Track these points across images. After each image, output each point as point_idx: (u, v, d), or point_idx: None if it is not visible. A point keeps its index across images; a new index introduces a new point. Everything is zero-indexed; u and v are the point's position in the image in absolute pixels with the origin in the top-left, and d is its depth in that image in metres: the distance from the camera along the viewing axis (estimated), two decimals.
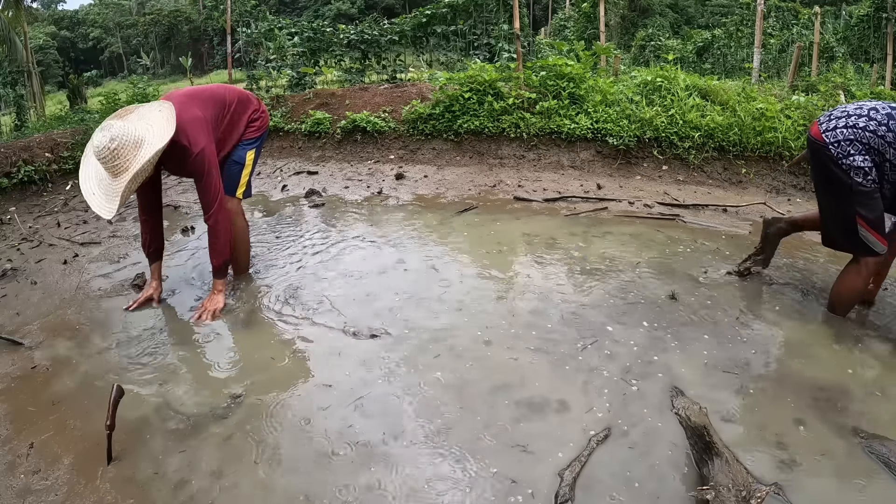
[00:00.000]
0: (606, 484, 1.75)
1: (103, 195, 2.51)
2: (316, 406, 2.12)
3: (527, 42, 8.87)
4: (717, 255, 3.30)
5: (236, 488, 1.77)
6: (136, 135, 2.48)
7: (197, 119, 2.71)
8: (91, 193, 2.54)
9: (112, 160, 2.45)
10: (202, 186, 2.75)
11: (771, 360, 2.36)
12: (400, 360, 2.37)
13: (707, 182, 4.65)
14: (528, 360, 2.35)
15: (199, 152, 2.67)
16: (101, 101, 6.36)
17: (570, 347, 2.43)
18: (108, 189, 2.51)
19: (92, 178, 2.57)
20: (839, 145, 2.29)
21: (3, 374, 2.41)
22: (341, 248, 3.57)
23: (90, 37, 42.27)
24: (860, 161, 2.26)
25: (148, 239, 2.94)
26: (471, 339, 2.50)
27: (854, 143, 2.27)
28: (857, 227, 2.36)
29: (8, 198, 4.69)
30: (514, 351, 2.41)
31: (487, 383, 2.21)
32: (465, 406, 2.09)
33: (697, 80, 5.32)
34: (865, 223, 2.33)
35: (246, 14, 10.56)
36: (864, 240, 2.37)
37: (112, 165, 2.45)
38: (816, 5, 12.06)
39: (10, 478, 1.84)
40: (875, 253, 2.39)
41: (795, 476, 1.77)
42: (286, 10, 38.06)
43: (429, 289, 2.95)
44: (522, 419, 2.02)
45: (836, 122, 2.32)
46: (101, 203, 2.51)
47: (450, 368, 2.31)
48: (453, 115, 5.43)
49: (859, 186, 2.29)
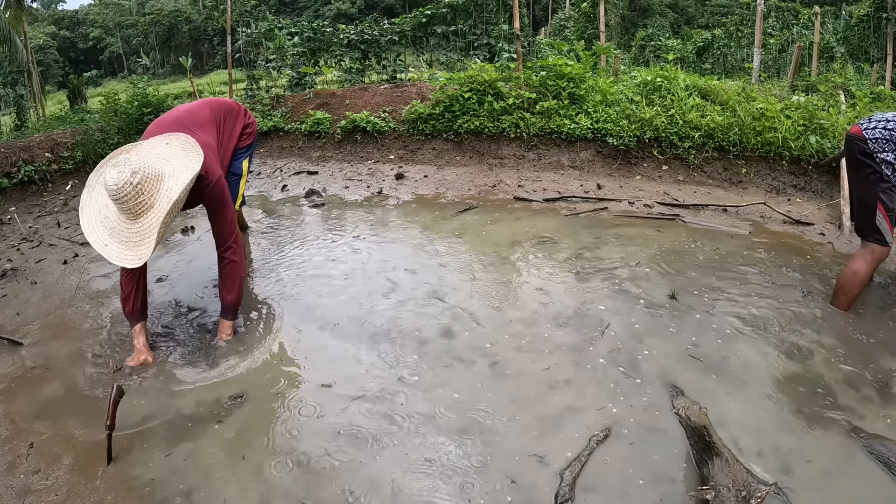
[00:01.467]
0: (606, 484, 1.75)
1: (120, 244, 2.18)
2: (317, 406, 2.12)
3: (527, 42, 8.87)
4: (718, 255, 3.30)
5: (237, 488, 1.77)
6: (155, 167, 2.20)
7: (208, 146, 2.54)
8: (103, 245, 2.19)
9: (135, 197, 2.13)
10: (220, 217, 2.53)
11: (771, 359, 2.35)
12: (400, 361, 2.37)
13: (707, 182, 4.65)
14: (527, 360, 2.35)
15: (216, 181, 2.46)
16: (101, 101, 6.35)
17: (569, 347, 2.43)
18: (126, 235, 2.18)
19: (98, 229, 2.22)
20: (876, 142, 2.68)
21: (3, 374, 2.41)
22: (341, 248, 3.56)
23: (90, 37, 42.25)
24: (891, 157, 2.66)
25: (132, 294, 2.45)
26: (471, 339, 2.50)
27: (889, 143, 2.66)
28: (875, 211, 2.69)
29: (8, 198, 4.69)
30: (515, 351, 2.41)
31: (487, 383, 2.21)
32: (464, 406, 2.09)
33: (697, 80, 5.32)
34: (884, 210, 2.67)
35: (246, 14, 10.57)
36: (878, 225, 2.69)
37: (134, 204, 2.14)
38: (816, 5, 12.06)
39: (10, 478, 1.84)
40: (883, 240, 2.69)
41: (795, 476, 1.77)
42: (286, 10, 38.05)
43: (428, 289, 2.94)
44: (521, 420, 2.02)
45: (877, 124, 2.70)
46: (121, 252, 2.18)
47: (450, 369, 2.31)
48: (453, 115, 5.43)
49: (885, 178, 2.67)
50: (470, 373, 2.28)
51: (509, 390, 2.17)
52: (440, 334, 2.54)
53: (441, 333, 2.55)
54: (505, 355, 2.38)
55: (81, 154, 5.27)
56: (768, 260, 3.25)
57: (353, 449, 1.90)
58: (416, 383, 2.22)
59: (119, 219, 2.19)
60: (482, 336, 2.52)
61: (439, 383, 2.22)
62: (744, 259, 3.25)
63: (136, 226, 2.17)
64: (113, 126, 5.66)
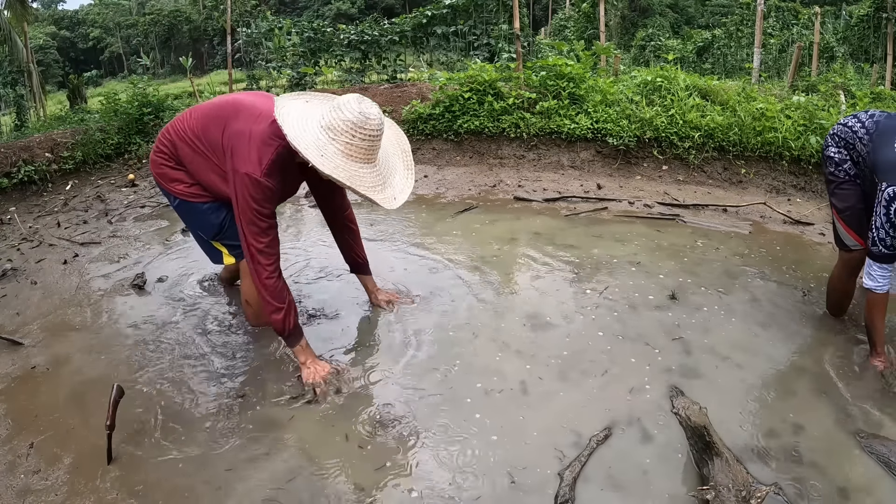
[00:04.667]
0: (606, 484, 1.75)
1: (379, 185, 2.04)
2: (319, 405, 2.12)
3: (527, 42, 8.88)
4: (718, 255, 3.30)
5: (237, 488, 1.77)
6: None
7: None
8: (377, 186, 2.03)
9: (380, 136, 2.00)
10: (343, 191, 2.46)
11: (771, 359, 2.35)
12: (398, 362, 2.37)
13: (707, 182, 4.65)
14: (526, 360, 2.35)
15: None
16: (101, 101, 6.35)
17: (568, 348, 2.43)
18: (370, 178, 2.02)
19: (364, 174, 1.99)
20: (831, 137, 2.49)
21: (3, 374, 2.41)
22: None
23: (90, 37, 42.29)
24: (832, 152, 2.46)
25: (293, 303, 2.22)
26: (470, 337, 2.50)
27: (833, 136, 2.47)
28: (833, 217, 2.52)
29: (8, 198, 4.69)
30: (514, 352, 2.41)
31: (485, 382, 2.21)
32: (460, 406, 2.09)
33: (697, 80, 5.32)
34: (837, 213, 2.46)
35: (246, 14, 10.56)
36: (838, 232, 2.49)
37: (376, 143, 2.00)
38: (816, 5, 12.06)
39: (10, 478, 1.84)
40: (846, 247, 2.46)
41: (795, 476, 1.77)
42: (286, 10, 38.05)
43: (426, 289, 2.94)
44: (521, 419, 2.02)
45: (848, 119, 2.46)
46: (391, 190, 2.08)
47: (448, 369, 2.31)
48: (453, 115, 5.42)
49: (830, 175, 2.48)
50: (468, 372, 2.28)
51: (509, 389, 2.17)
52: (439, 334, 2.54)
53: (440, 333, 2.55)
54: (504, 354, 2.38)
55: (81, 154, 5.26)
56: (768, 260, 3.25)
57: (363, 449, 1.90)
58: (416, 384, 2.23)
59: (349, 160, 1.96)
60: (481, 335, 2.52)
61: (439, 385, 2.22)
62: (744, 259, 3.25)
63: (373, 167, 2.02)
64: (113, 126, 5.65)
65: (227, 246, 2.44)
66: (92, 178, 5.24)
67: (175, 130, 2.31)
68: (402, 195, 2.10)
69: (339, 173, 1.92)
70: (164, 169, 2.38)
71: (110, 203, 4.66)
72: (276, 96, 2.06)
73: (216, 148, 2.19)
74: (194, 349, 2.53)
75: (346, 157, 1.95)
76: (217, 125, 2.17)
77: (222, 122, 2.16)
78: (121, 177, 5.26)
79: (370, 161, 2.01)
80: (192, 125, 2.26)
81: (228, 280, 3.05)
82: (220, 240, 2.44)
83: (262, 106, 2.14)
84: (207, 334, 2.64)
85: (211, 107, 2.28)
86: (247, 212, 2.05)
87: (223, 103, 2.27)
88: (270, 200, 2.09)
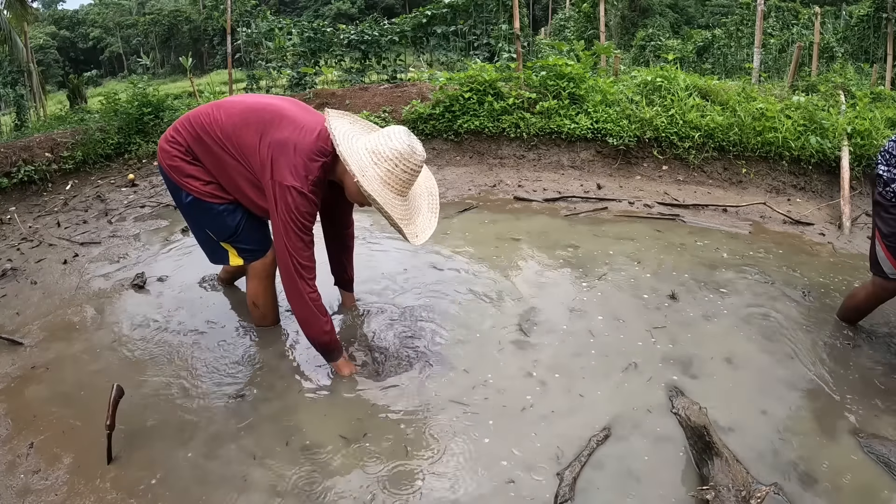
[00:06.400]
0: (606, 484, 1.75)
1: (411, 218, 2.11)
2: (320, 405, 2.12)
3: (527, 42, 8.88)
4: (718, 255, 3.30)
5: (237, 488, 1.77)
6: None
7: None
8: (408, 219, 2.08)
9: (419, 170, 2.07)
10: (352, 209, 2.52)
11: (770, 359, 2.35)
12: (398, 362, 2.37)
13: (707, 182, 4.65)
14: (526, 360, 2.35)
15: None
16: (101, 101, 6.34)
17: (569, 348, 2.43)
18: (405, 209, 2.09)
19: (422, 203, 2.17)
20: (881, 154, 2.29)
21: (3, 374, 2.41)
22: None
23: (90, 37, 42.29)
24: (882, 170, 2.25)
25: (330, 319, 2.21)
26: (469, 337, 2.50)
27: (884, 154, 2.26)
28: (874, 239, 2.31)
29: (8, 198, 4.69)
30: (514, 352, 2.41)
31: (485, 382, 2.21)
32: (460, 406, 2.09)
33: (697, 80, 5.32)
34: (881, 237, 2.27)
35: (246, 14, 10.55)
36: (877, 255, 2.31)
37: (414, 176, 2.06)
38: (816, 5, 12.06)
39: (10, 478, 1.84)
40: (882, 273, 2.31)
41: (796, 476, 1.77)
42: (286, 10, 38.07)
43: (426, 290, 2.94)
44: (521, 419, 2.02)
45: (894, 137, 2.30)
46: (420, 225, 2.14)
47: (448, 369, 2.31)
48: (453, 115, 5.42)
49: (878, 196, 2.28)
50: (466, 372, 2.28)
51: (509, 388, 2.17)
52: (437, 335, 2.54)
53: (438, 333, 2.55)
54: (504, 354, 2.38)
55: (81, 154, 5.26)
56: (768, 260, 3.25)
57: (363, 446, 1.90)
58: (415, 386, 2.23)
59: (399, 191, 2.04)
60: (481, 335, 2.52)
61: (437, 387, 2.22)
62: (744, 259, 3.25)
63: (404, 201, 2.09)
64: (113, 126, 5.65)
65: (237, 248, 2.40)
66: (92, 177, 5.24)
67: (200, 123, 2.17)
68: (425, 234, 2.12)
69: (378, 196, 1.96)
70: (178, 162, 2.23)
71: (110, 203, 4.65)
72: (326, 110, 2.07)
73: (249, 153, 2.10)
74: (194, 349, 2.53)
75: (384, 183, 1.98)
76: (254, 130, 2.08)
77: (260, 127, 2.08)
78: (121, 177, 5.26)
79: (402, 194, 2.05)
80: (221, 123, 2.14)
81: (227, 280, 3.05)
82: (231, 242, 2.38)
83: (304, 117, 2.11)
84: (207, 334, 2.64)
85: (246, 109, 2.15)
86: (292, 226, 2.01)
87: (261, 107, 2.15)
88: (314, 215, 2.08)
